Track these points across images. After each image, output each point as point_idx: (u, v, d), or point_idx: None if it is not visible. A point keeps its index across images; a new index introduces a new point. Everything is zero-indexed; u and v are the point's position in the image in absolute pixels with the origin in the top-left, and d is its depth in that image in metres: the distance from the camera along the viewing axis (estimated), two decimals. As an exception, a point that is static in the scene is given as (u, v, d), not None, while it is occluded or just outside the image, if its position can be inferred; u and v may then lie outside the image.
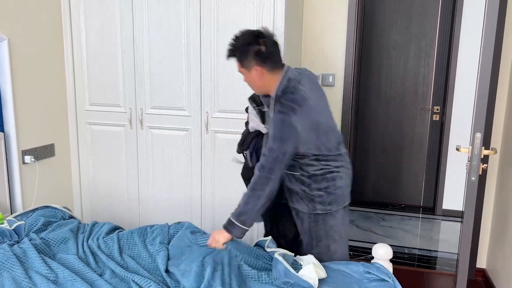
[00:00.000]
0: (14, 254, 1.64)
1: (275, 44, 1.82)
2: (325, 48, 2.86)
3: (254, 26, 2.36)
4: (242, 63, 1.81)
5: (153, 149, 2.70)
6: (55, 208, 2.10)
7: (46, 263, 1.63)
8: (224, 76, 2.47)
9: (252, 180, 1.78)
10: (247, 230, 1.79)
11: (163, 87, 2.61)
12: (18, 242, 1.80)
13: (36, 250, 1.69)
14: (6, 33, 2.30)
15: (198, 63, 2.51)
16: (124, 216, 2.84)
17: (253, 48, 1.76)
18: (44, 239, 1.82)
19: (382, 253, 1.71)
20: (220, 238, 1.77)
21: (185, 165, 2.66)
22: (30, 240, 1.77)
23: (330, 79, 2.87)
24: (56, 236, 1.84)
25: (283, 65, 1.87)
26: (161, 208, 2.75)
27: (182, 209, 2.72)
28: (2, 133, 2.30)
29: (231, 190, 2.56)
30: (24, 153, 2.46)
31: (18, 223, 1.93)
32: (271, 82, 1.82)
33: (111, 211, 2.86)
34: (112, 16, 2.62)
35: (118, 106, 2.72)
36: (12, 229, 1.89)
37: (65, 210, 2.13)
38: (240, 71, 1.86)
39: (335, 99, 2.89)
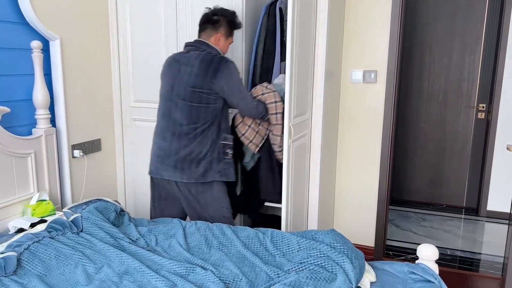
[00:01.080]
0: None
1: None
2: (367, 45, 2.82)
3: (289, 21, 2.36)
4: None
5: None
6: (107, 201, 2.19)
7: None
8: (265, 73, 2.49)
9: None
10: None
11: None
12: (78, 233, 1.89)
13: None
14: (58, 32, 2.40)
15: (241, 60, 2.54)
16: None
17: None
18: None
19: (427, 253, 1.68)
20: None
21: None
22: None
23: (372, 76, 2.82)
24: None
25: None
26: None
27: None
28: (54, 128, 2.42)
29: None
30: (74, 147, 2.57)
31: (75, 215, 2.02)
32: None
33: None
34: (156, 14, 2.69)
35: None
36: (70, 221, 1.98)
37: (116, 203, 2.21)
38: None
39: (377, 96, 2.85)
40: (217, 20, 2.16)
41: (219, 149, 2.15)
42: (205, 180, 2.13)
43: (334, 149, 2.92)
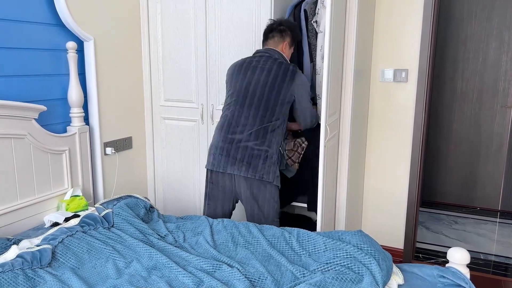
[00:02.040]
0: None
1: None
2: (398, 43, 2.76)
3: (327, 21, 2.34)
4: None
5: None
6: (137, 198, 2.24)
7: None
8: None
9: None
10: None
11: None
12: (109, 229, 1.95)
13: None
14: (92, 33, 2.48)
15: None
16: (190, 208, 2.96)
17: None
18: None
19: (458, 257, 1.64)
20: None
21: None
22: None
23: (403, 75, 2.76)
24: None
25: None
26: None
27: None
28: (87, 126, 2.50)
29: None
30: (106, 145, 2.65)
31: (107, 210, 2.08)
32: None
33: (181, 203, 2.99)
34: (187, 15, 2.73)
35: (191, 102, 2.83)
36: (102, 216, 2.05)
37: (146, 200, 2.26)
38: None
39: (408, 95, 2.79)
40: (284, 29, 2.29)
41: (281, 152, 2.23)
42: (267, 179, 2.15)
43: (363, 149, 2.88)
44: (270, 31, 2.31)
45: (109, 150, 2.65)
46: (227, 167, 2.18)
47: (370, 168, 2.99)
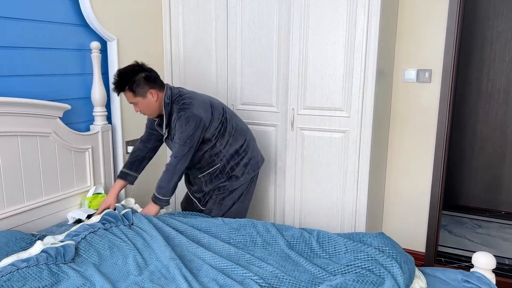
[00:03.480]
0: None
1: (153, 69, 2.16)
2: (421, 42, 2.71)
3: (346, 19, 2.32)
4: (136, 91, 2.07)
5: None
6: None
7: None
8: (312, 72, 2.46)
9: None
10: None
11: (253, 84, 2.68)
12: (130, 226, 1.98)
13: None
14: (115, 33, 2.52)
15: (286, 59, 2.53)
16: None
17: (142, 75, 2.07)
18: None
19: (484, 262, 1.59)
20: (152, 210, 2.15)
21: (270, 161, 2.70)
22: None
23: (426, 75, 2.71)
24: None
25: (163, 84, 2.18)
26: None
27: (259, 206, 2.78)
28: (110, 125, 2.53)
29: (316, 190, 2.56)
30: (127, 143, 2.68)
31: (126, 209, 2.11)
32: (162, 101, 2.13)
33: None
34: (208, 15, 2.74)
35: (211, 101, 2.84)
36: (122, 215, 2.07)
37: None
38: (133, 102, 2.11)
39: (431, 96, 2.73)
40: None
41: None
42: None
43: (384, 150, 2.84)
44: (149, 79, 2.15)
45: (130, 148, 2.68)
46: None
47: (392, 170, 2.94)
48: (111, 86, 2.14)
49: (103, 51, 2.50)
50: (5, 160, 1.96)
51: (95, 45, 2.37)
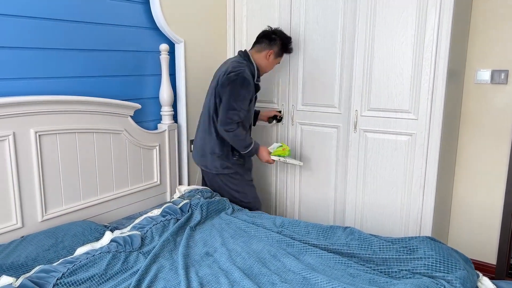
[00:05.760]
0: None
1: None
2: (497, 41, 2.55)
3: (415, 18, 2.24)
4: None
5: (303, 145, 2.77)
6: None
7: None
8: (377, 73, 2.40)
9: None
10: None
11: (315, 84, 2.66)
12: (189, 218, 2.08)
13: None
14: (182, 36, 2.61)
15: (351, 59, 2.49)
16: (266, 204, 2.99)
17: None
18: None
19: None
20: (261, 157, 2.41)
21: (331, 163, 2.67)
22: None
23: (502, 76, 2.54)
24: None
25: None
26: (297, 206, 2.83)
27: (314, 207, 2.74)
28: (176, 124, 2.63)
29: (379, 194, 2.49)
30: (191, 142, 2.77)
31: (184, 202, 2.20)
32: None
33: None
34: (271, 17, 2.77)
35: (272, 102, 2.86)
36: (179, 208, 2.16)
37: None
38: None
39: (507, 99, 2.55)
40: (274, 39, 2.40)
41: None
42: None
43: (453, 155, 2.69)
44: (261, 36, 2.43)
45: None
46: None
47: (461, 176, 2.79)
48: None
49: (171, 53, 2.60)
50: (82, 155, 2.10)
51: (164, 47, 2.47)
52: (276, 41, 2.40)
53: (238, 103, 2.26)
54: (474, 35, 2.62)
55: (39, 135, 1.90)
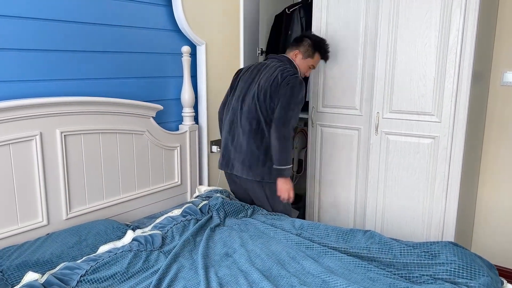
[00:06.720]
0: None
1: None
2: (525, 42, 2.48)
3: (439, 19, 2.20)
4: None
5: (324, 147, 2.76)
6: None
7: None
8: (400, 74, 2.37)
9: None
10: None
11: (336, 86, 2.64)
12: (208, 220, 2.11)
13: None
14: (204, 38, 2.64)
15: (372, 61, 2.46)
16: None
17: None
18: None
19: None
20: (286, 186, 2.20)
21: (352, 165, 2.64)
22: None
23: (530, 78, 2.48)
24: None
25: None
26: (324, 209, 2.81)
27: (334, 210, 2.72)
28: (197, 125, 2.66)
29: (400, 197, 2.45)
30: (212, 143, 2.79)
31: (203, 202, 2.22)
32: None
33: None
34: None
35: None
36: (199, 208, 2.18)
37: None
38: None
39: (535, 101, 2.49)
40: (301, 39, 2.37)
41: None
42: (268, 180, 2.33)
43: (477, 159, 2.64)
44: (295, 40, 2.42)
45: (214, 148, 2.79)
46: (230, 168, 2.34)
47: (485, 180, 2.72)
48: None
49: (192, 54, 2.63)
50: (106, 155, 2.15)
51: (185, 49, 2.50)
52: (303, 41, 2.36)
53: (299, 106, 2.18)
54: (500, 36, 2.56)
55: (64, 135, 1.96)
